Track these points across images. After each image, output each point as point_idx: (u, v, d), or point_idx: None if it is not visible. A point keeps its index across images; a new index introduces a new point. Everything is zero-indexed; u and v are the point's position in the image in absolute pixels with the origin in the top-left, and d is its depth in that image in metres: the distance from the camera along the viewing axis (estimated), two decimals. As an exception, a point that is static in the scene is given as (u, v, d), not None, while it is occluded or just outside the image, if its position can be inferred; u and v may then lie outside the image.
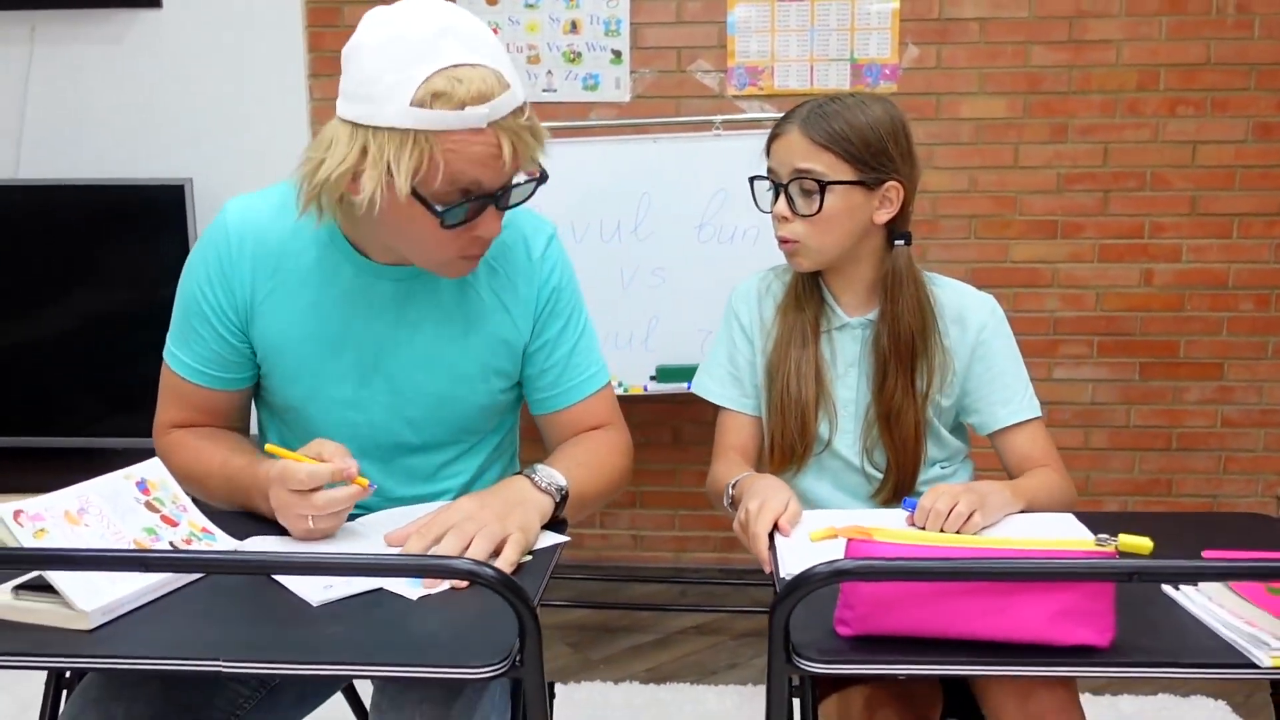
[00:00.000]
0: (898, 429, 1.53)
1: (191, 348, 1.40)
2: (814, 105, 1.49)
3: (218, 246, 1.38)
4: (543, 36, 3.04)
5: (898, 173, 1.48)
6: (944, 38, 2.95)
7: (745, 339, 1.64)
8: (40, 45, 3.09)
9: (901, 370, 1.52)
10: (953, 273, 3.01)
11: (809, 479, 1.60)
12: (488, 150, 1.17)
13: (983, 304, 1.58)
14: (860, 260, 1.54)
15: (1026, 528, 1.32)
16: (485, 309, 1.40)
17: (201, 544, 1.18)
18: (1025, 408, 1.56)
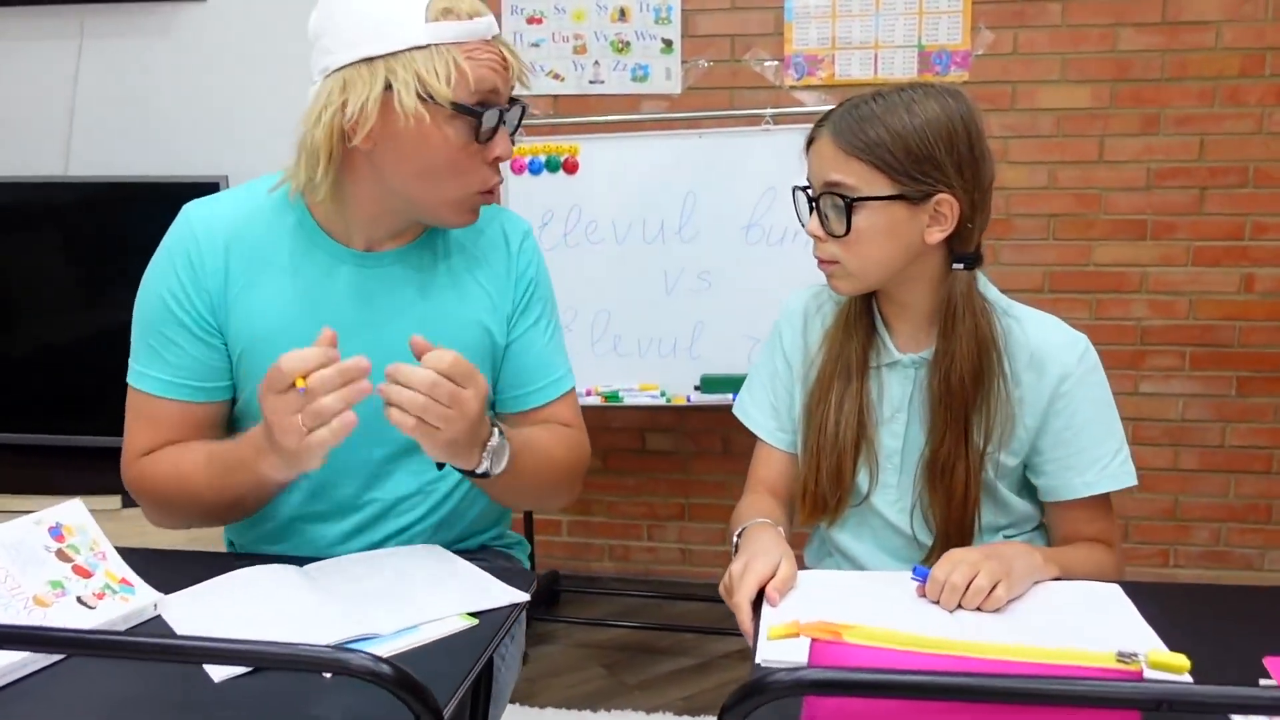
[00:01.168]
0: (946, 487, 1.32)
1: (165, 361, 1.29)
2: (850, 105, 1.27)
3: (184, 247, 1.30)
4: (590, 25, 2.89)
5: (950, 184, 1.23)
6: (1021, 20, 2.71)
7: (786, 364, 1.45)
8: (89, 40, 3.06)
9: (954, 419, 1.30)
10: (1028, 278, 2.81)
11: (847, 534, 1.41)
12: (496, 58, 1.23)
13: (1069, 346, 1.30)
14: (915, 284, 1.31)
15: (1060, 599, 1.13)
16: (465, 293, 1.35)
17: (116, 597, 1.07)
18: (1106, 478, 1.31)
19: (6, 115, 3.11)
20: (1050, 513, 1.37)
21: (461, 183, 1.24)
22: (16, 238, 2.93)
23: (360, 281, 1.31)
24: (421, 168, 1.22)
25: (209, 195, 1.36)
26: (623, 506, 3.13)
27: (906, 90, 1.26)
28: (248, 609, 1.09)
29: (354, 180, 1.26)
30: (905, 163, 1.23)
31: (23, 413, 2.95)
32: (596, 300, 2.67)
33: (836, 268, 1.30)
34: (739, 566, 1.14)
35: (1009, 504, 1.36)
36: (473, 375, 1.12)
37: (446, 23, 1.18)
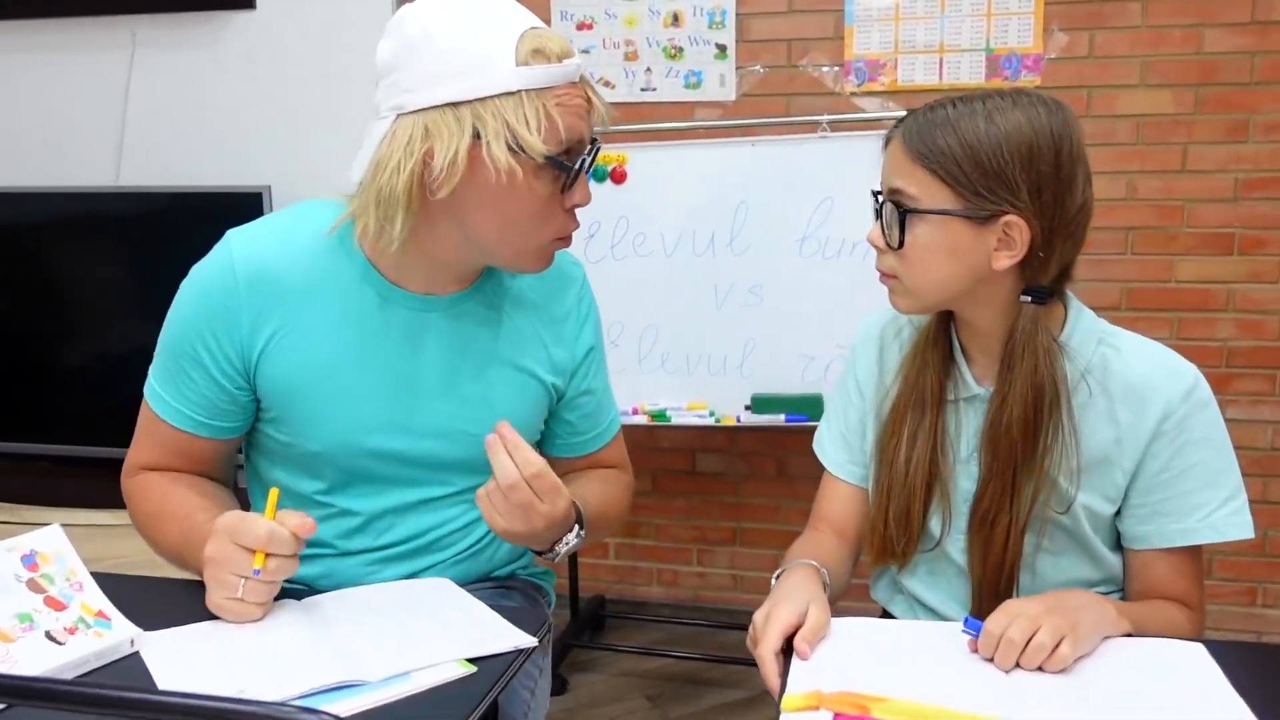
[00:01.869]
0: (986, 540, 1.19)
1: (180, 390, 1.24)
2: (928, 107, 1.15)
3: (222, 285, 1.21)
4: (641, 31, 2.80)
5: (1020, 205, 1.09)
6: (1098, 21, 2.55)
7: (858, 392, 1.33)
8: (140, 50, 3.05)
9: (1000, 468, 1.16)
10: (1104, 295, 2.64)
11: (918, 581, 1.29)
12: (583, 103, 1.14)
13: (1174, 380, 1.16)
14: (987, 310, 1.17)
15: (1135, 660, 0.99)
16: (526, 343, 1.29)
17: (90, 633, 0.99)
18: (1208, 527, 1.16)
19: (59, 125, 3.11)
20: (1130, 562, 1.22)
21: (541, 232, 1.17)
22: (69, 247, 2.93)
23: (415, 325, 1.23)
24: (506, 220, 1.14)
25: (253, 223, 1.26)
26: (672, 529, 3.01)
27: (995, 96, 1.13)
28: (232, 650, 1.01)
29: (429, 228, 1.17)
30: (972, 176, 1.10)
31: (75, 425, 2.94)
32: (644, 315, 2.56)
33: (895, 283, 1.18)
34: (762, 615, 1.03)
35: (1099, 556, 1.22)
36: (554, 493, 1.09)
37: (538, 66, 1.08)
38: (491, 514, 1.08)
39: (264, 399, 1.24)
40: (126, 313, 2.91)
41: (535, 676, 1.30)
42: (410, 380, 1.23)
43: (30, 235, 2.91)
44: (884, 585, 1.36)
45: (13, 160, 3.15)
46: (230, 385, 1.23)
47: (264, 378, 1.22)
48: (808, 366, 2.49)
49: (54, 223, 2.91)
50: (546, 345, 1.31)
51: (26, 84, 3.12)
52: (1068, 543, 1.21)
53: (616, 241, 2.56)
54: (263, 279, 1.20)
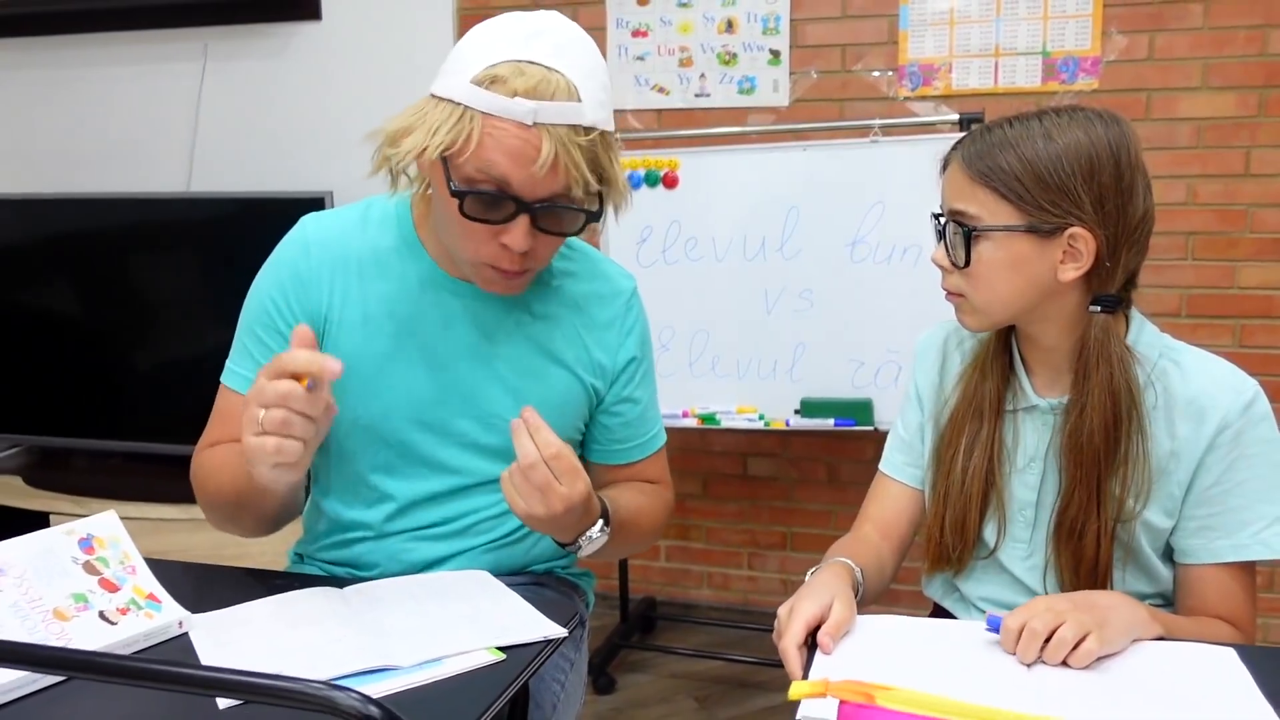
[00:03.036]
0: (1075, 550, 1.19)
1: (256, 361, 1.29)
2: (985, 128, 1.17)
3: (295, 258, 1.30)
4: (696, 37, 2.82)
5: (1085, 217, 1.12)
6: (1158, 23, 2.51)
7: (918, 401, 1.35)
8: (212, 61, 3.16)
9: (1084, 476, 1.17)
10: (1165, 301, 2.59)
11: (972, 585, 1.30)
12: (524, 148, 1.12)
13: (1233, 394, 1.16)
14: (1052, 324, 1.20)
15: (1161, 661, 0.98)
16: (567, 340, 1.33)
17: (140, 614, 1.04)
18: (1259, 544, 1.16)
19: (134, 134, 3.23)
20: (1180, 578, 1.22)
21: (470, 250, 1.19)
22: (143, 252, 3.04)
23: (458, 309, 1.29)
24: (439, 221, 1.22)
25: (327, 210, 1.36)
26: (723, 533, 3.02)
27: (1051, 114, 1.15)
28: (273, 634, 1.05)
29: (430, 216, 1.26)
30: (1034, 192, 1.12)
31: (148, 423, 3.04)
32: (695, 319, 2.59)
33: (962, 301, 1.20)
34: (786, 609, 1.04)
35: (1155, 571, 1.22)
36: (573, 474, 1.09)
37: (487, 91, 1.11)
38: (512, 495, 1.09)
39: None
40: (196, 314, 3.01)
41: (566, 670, 1.33)
42: (448, 361, 1.28)
43: (106, 240, 3.02)
44: (938, 585, 1.37)
45: (90, 168, 3.28)
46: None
47: (330, 344, 1.29)
48: (858, 371, 2.49)
49: (128, 228, 3.02)
50: (588, 346, 1.33)
51: (104, 95, 3.25)
52: (1125, 556, 1.21)
53: (668, 246, 2.58)
54: (332, 252, 1.29)
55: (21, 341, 3.09)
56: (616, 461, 1.40)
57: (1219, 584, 1.18)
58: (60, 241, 3.05)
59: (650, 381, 1.41)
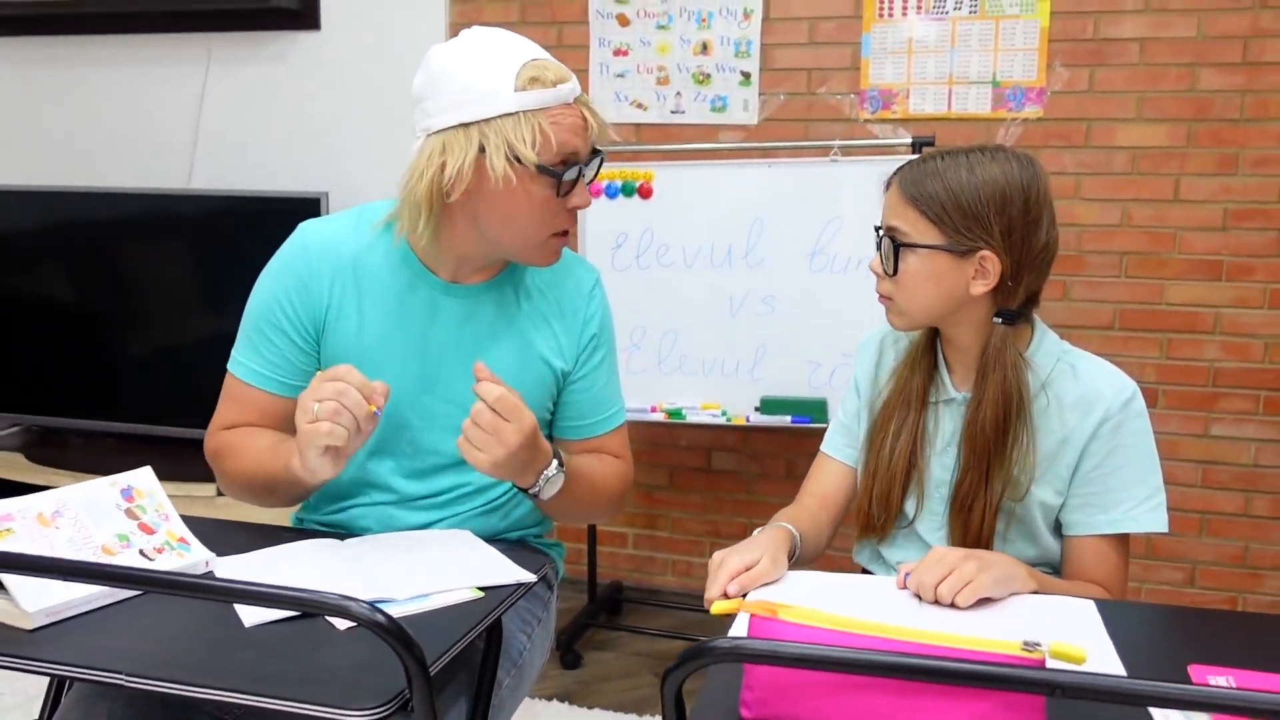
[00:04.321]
0: (964, 522, 1.40)
1: (261, 355, 1.46)
2: (921, 159, 1.38)
3: (296, 262, 1.46)
4: (673, 58, 3.02)
5: (994, 243, 1.32)
6: (1098, 59, 2.73)
7: (855, 391, 1.56)
8: (215, 65, 3.33)
9: (976, 461, 1.38)
10: (1099, 314, 2.81)
11: (894, 552, 1.50)
12: (578, 121, 1.35)
13: (1115, 391, 1.37)
14: (966, 329, 1.40)
15: (1031, 606, 1.18)
16: (536, 329, 1.50)
17: (174, 553, 1.22)
18: (1129, 519, 1.36)
19: (139, 132, 3.40)
20: (1065, 547, 1.42)
21: (541, 229, 1.38)
22: (144, 243, 3.20)
23: (441, 306, 1.46)
24: (508, 217, 1.37)
25: (324, 216, 1.54)
26: (687, 523, 3.21)
27: (976, 151, 1.36)
28: (286, 572, 1.23)
29: (450, 225, 1.41)
30: (955, 217, 1.32)
31: (141, 406, 3.20)
32: (665, 320, 2.78)
33: (890, 303, 1.41)
34: (717, 559, 1.23)
35: (1043, 541, 1.41)
36: (517, 411, 1.27)
37: (533, 91, 1.30)
38: (471, 451, 1.26)
39: (324, 360, 1.47)
40: (191, 304, 3.17)
41: (534, 625, 1.51)
42: (433, 353, 1.45)
43: (109, 232, 3.18)
44: (866, 553, 1.57)
45: (96, 163, 3.44)
46: (304, 346, 1.46)
47: (327, 345, 1.46)
48: (814, 372, 2.69)
49: (130, 221, 3.18)
50: (557, 334, 1.50)
51: (111, 93, 3.42)
52: (1019, 528, 1.41)
53: (641, 252, 2.77)
54: (329, 255, 1.45)
55: (26, 326, 3.24)
56: (579, 436, 1.55)
57: (1096, 553, 1.38)
58: (65, 231, 3.20)
59: (610, 363, 1.57)
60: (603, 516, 1.61)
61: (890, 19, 2.84)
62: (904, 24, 2.84)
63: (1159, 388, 2.80)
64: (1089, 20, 2.72)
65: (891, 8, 2.84)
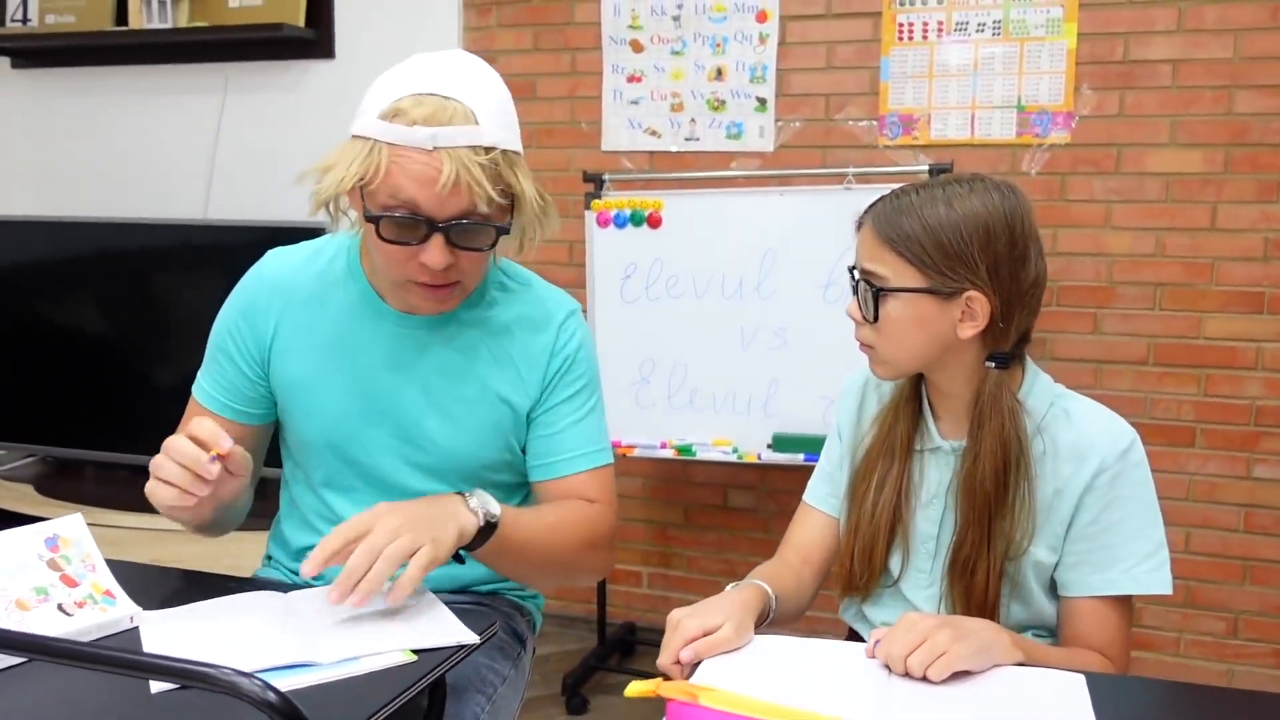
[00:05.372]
0: (965, 585, 1.28)
1: (215, 379, 1.46)
2: (893, 195, 1.27)
3: (251, 290, 1.46)
4: (687, 84, 2.94)
5: (981, 283, 1.22)
6: (1129, 82, 2.61)
7: (838, 437, 1.46)
8: (231, 95, 3.32)
9: (976, 517, 1.26)
10: (1133, 349, 2.67)
11: (878, 612, 1.39)
12: (427, 171, 1.22)
13: (1112, 439, 1.25)
14: (954, 374, 1.29)
15: (1012, 682, 1.07)
16: (500, 369, 1.42)
17: (96, 608, 1.15)
18: (1129, 579, 1.25)
19: (156, 162, 3.40)
20: (1061, 609, 1.30)
21: (396, 271, 1.30)
22: (161, 273, 3.18)
23: (394, 339, 1.40)
24: (368, 247, 1.34)
25: (292, 245, 1.50)
26: (703, 562, 3.11)
27: (953, 184, 1.25)
28: (213, 630, 1.15)
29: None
30: (936, 257, 1.22)
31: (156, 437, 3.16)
32: (674, 353, 2.69)
33: (872, 352, 1.31)
34: (673, 621, 1.13)
35: (1036, 605, 1.30)
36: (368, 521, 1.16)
37: (393, 124, 1.23)
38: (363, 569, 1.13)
39: (274, 390, 1.44)
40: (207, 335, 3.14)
41: (496, 685, 1.40)
42: (381, 386, 1.40)
43: (127, 262, 3.17)
44: (852, 610, 1.47)
45: (114, 193, 3.44)
46: (251, 374, 1.43)
47: (275, 374, 1.43)
48: (828, 408, 2.58)
49: (147, 251, 3.17)
50: (521, 372, 1.41)
51: (129, 124, 3.43)
52: (1011, 588, 1.30)
53: (651, 282, 2.69)
54: (282, 285, 1.43)
55: (42, 355, 3.24)
56: (545, 476, 1.43)
57: (1094, 616, 1.26)
58: (83, 261, 3.20)
59: (583, 400, 1.44)
60: (582, 566, 1.44)
61: (910, 42, 2.75)
62: (925, 47, 2.74)
63: (1197, 426, 2.65)
64: (1119, 41, 2.60)
65: (912, 31, 2.74)
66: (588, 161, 2.97)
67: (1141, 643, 2.71)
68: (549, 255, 3.10)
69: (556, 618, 3.18)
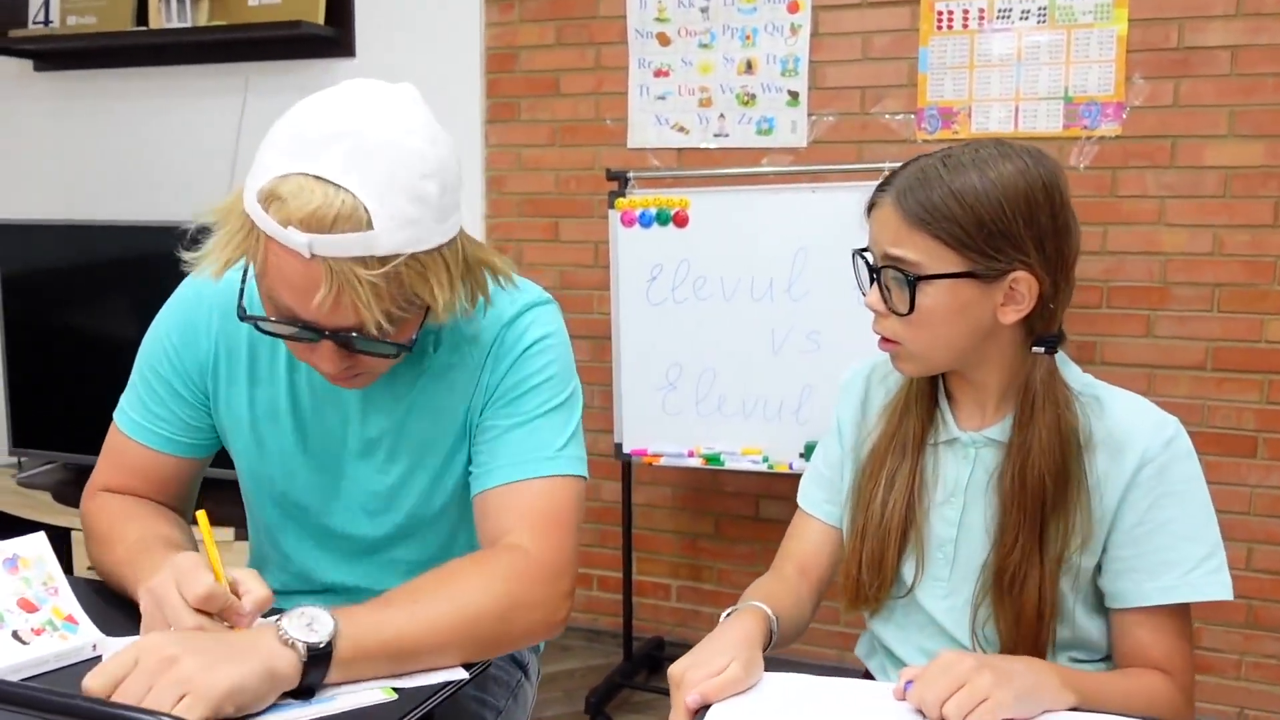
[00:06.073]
0: (1016, 601, 1.14)
1: (147, 407, 1.28)
2: (916, 167, 1.12)
3: (189, 303, 1.27)
4: (716, 78, 2.83)
5: (1028, 260, 1.09)
6: (1184, 70, 2.46)
7: (838, 435, 1.32)
8: (252, 95, 3.26)
9: (1028, 521, 1.13)
10: (1189, 353, 2.52)
11: (890, 630, 1.26)
12: (304, 282, 1.00)
13: (1154, 430, 1.13)
14: (987, 365, 1.17)
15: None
16: (455, 381, 1.23)
17: (56, 635, 1.06)
18: (1186, 586, 1.12)
19: (179, 163, 3.34)
20: (1113, 625, 1.17)
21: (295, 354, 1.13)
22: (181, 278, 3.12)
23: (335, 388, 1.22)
24: None
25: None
26: (734, 575, 2.99)
27: (978, 150, 1.11)
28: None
29: None
30: (977, 237, 1.08)
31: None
32: (702, 358, 2.58)
33: (899, 348, 1.16)
34: (679, 671, 1.02)
35: (1077, 621, 1.17)
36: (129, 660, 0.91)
37: (265, 213, 0.99)
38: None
39: (219, 425, 1.29)
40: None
41: (489, 718, 1.30)
42: (327, 424, 1.25)
43: (148, 265, 3.11)
44: (864, 641, 1.35)
45: (136, 195, 3.39)
46: (194, 401, 1.27)
47: (217, 405, 1.27)
48: (863, 416, 2.45)
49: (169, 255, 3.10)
50: (475, 375, 1.22)
51: (151, 125, 3.38)
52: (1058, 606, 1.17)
53: (677, 284, 2.58)
54: (223, 300, 1.22)
55: (62, 360, 3.20)
56: (479, 488, 1.20)
57: (1150, 628, 1.13)
58: (104, 265, 3.15)
59: (528, 402, 1.21)
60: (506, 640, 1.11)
61: (950, 31, 2.61)
62: (965, 36, 2.60)
63: (1259, 435, 2.49)
64: (1172, 27, 2.45)
65: (951, 19, 2.61)
66: (613, 160, 2.87)
67: (1200, 666, 2.56)
68: (572, 256, 3.00)
69: (581, 631, 3.07)
